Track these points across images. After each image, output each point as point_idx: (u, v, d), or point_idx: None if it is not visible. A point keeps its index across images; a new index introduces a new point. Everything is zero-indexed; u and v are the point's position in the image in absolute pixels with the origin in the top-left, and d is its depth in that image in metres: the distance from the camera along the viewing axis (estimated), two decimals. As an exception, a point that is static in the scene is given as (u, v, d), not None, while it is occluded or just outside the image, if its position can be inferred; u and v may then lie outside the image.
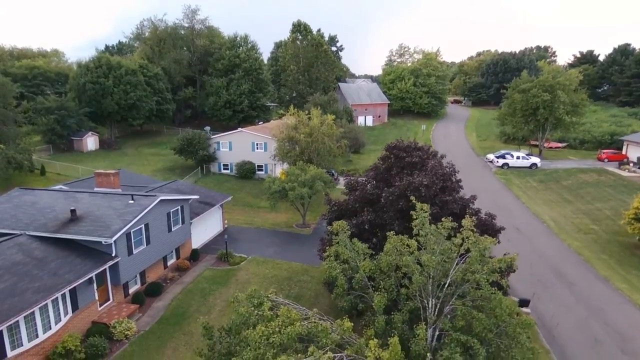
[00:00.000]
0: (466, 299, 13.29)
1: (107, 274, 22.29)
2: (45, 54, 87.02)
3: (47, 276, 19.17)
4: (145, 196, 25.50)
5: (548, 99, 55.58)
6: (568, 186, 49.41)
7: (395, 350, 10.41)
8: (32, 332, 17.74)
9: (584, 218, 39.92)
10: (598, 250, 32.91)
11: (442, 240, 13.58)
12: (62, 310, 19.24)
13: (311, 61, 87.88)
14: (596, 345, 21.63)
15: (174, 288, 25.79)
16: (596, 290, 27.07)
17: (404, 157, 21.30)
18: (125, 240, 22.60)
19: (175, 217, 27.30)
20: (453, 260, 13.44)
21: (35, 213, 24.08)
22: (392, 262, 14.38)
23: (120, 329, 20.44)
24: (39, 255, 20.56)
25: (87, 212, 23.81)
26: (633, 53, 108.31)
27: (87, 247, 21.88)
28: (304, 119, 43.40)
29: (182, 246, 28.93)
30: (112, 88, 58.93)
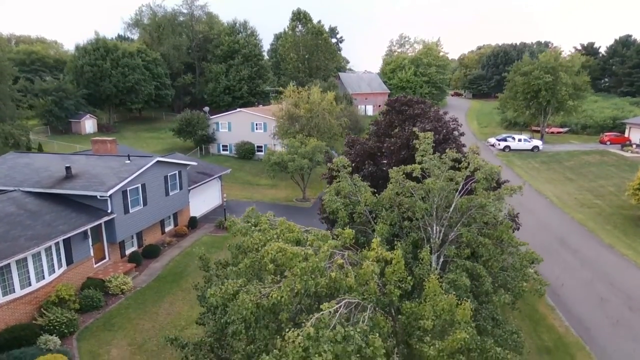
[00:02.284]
0: (471, 226, 12.83)
1: (103, 231, 21.85)
2: (44, 40, 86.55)
3: (41, 226, 18.70)
4: (142, 157, 25.05)
5: (550, 80, 55.02)
6: (570, 166, 48.93)
7: (398, 263, 9.94)
8: (24, 280, 17.27)
9: (587, 194, 39.44)
10: (602, 222, 32.44)
11: (446, 168, 13.13)
12: (56, 261, 18.76)
13: (311, 50, 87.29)
14: (602, 304, 21.18)
15: (172, 251, 25.33)
16: (601, 256, 26.60)
17: (405, 111, 20.83)
18: (121, 198, 22.13)
19: (173, 181, 26.83)
20: (458, 186, 12.99)
21: (29, 172, 23.60)
22: (394, 196, 13.92)
23: (116, 283, 19.98)
24: (33, 208, 20.08)
25: (83, 171, 23.34)
26: (634, 44, 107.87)
27: (83, 204, 21.39)
28: (304, 96, 42.92)
29: (180, 213, 28.47)
30: (110, 70, 58.45)
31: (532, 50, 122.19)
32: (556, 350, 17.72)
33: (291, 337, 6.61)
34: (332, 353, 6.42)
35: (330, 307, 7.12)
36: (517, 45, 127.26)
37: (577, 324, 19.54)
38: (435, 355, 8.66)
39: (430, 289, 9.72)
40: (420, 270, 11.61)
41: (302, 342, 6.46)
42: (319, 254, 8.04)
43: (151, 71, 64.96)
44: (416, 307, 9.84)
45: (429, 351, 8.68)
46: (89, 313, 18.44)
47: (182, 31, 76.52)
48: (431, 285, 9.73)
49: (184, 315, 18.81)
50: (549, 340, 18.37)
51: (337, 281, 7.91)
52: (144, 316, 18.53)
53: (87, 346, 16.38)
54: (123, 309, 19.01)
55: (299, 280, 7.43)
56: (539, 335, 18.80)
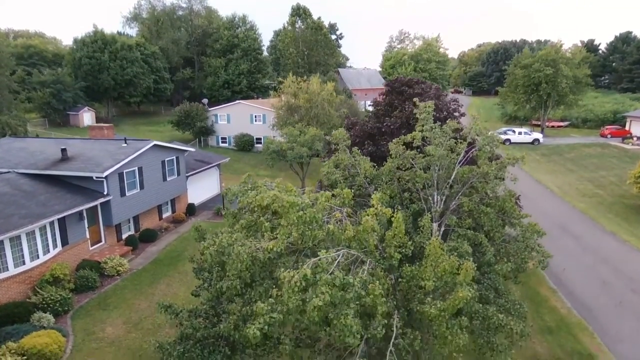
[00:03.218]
0: (473, 197, 12.54)
1: (99, 214, 21.56)
2: (43, 35, 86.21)
3: (35, 206, 18.42)
4: (139, 140, 24.78)
5: (550, 73, 54.74)
6: (571, 158, 48.69)
7: (399, 227, 9.65)
8: (18, 258, 16.98)
9: (588, 184, 39.20)
10: (604, 210, 32.18)
11: (447, 138, 12.85)
12: (51, 242, 18.47)
13: (311, 45, 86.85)
14: (604, 287, 20.90)
15: (169, 236, 25.04)
16: (603, 242, 26.33)
17: (405, 91, 20.56)
18: (117, 180, 21.84)
19: (171, 167, 26.53)
20: (459, 157, 12.70)
21: (25, 155, 23.33)
22: (394, 169, 13.65)
23: (112, 264, 19.70)
24: (28, 189, 19.80)
25: (79, 153, 23.06)
26: (635, 40, 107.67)
27: (78, 186, 21.11)
28: (304, 86, 42.62)
29: (178, 199, 28.18)
30: (108, 63, 58.14)
31: (532, 48, 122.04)
32: (558, 331, 17.44)
33: (287, 277, 6.33)
34: (330, 295, 6.15)
35: (328, 254, 6.84)
36: (517, 42, 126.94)
37: (579, 306, 19.26)
38: (436, 315, 8.37)
39: (431, 251, 9.43)
40: (421, 238, 11.32)
41: (298, 281, 6.19)
42: (316, 205, 7.77)
43: (150, 65, 64.66)
44: (417, 270, 9.55)
45: (430, 310, 8.39)
46: (84, 293, 18.16)
47: (180, 25, 76.27)
48: (432, 247, 9.44)
49: (180, 297, 18.49)
50: (551, 321, 18.09)
51: (336, 234, 7.63)
52: (139, 296, 18.25)
53: (81, 324, 16.10)
54: (119, 290, 18.73)
55: (295, 229, 7.15)
56: (541, 316, 18.52)
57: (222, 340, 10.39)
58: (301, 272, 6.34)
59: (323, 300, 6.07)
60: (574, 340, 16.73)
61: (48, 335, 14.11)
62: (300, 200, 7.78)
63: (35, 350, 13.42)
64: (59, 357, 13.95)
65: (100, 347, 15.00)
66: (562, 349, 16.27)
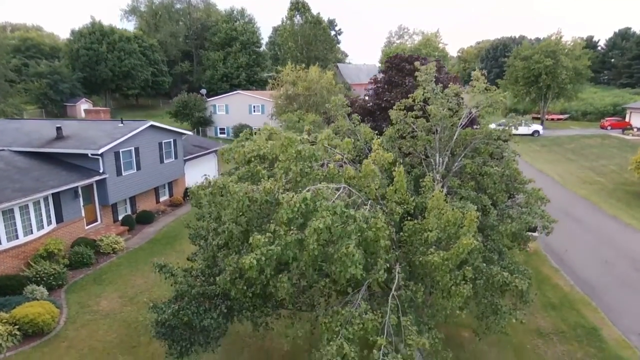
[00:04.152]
0: (475, 159, 12.26)
1: (95, 193, 21.25)
2: (40, 28, 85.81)
3: (29, 181, 18.10)
4: (135, 121, 24.48)
5: (550, 64, 54.49)
6: (571, 149, 48.48)
7: (400, 181, 9.36)
8: (11, 232, 16.66)
9: (589, 172, 38.97)
10: (605, 196, 31.94)
11: (448, 100, 12.57)
12: (45, 218, 18.14)
13: (309, 39, 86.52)
14: (607, 266, 20.62)
15: (166, 218, 24.74)
16: (605, 225, 26.09)
17: (405, 67, 20.26)
18: (113, 159, 21.52)
19: (168, 149, 26.21)
20: (460, 120, 12.43)
21: (19, 135, 23.01)
22: (395, 135, 13.38)
23: (108, 241, 19.39)
24: (22, 166, 19.48)
25: (75, 133, 22.76)
26: (634, 36, 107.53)
27: (74, 165, 20.78)
28: (303, 75, 42.32)
29: (175, 183, 27.85)
30: (105, 54, 57.77)
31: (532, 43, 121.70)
32: (561, 306, 17.17)
33: (285, 198, 6.03)
34: (330, 220, 5.84)
35: (328, 186, 6.54)
36: (517, 38, 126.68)
37: (582, 284, 18.99)
38: (440, 263, 8.08)
39: (434, 202, 9.14)
40: (422, 198, 11.03)
41: (298, 203, 5.88)
42: (317, 143, 7.47)
43: (148, 57, 64.30)
44: (419, 224, 9.26)
45: (433, 258, 8.09)
46: (79, 269, 17.84)
47: (179, 19, 75.90)
48: (435, 199, 9.15)
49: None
50: (554, 298, 17.82)
51: (335, 176, 7.33)
52: (135, 273, 17.94)
53: (75, 298, 15.79)
54: (114, 267, 18.42)
55: (294, 164, 6.84)
56: (544, 293, 18.24)
57: (218, 298, 10.10)
58: (301, 195, 6.04)
59: (324, 223, 5.76)
60: (577, 315, 16.47)
61: (41, 305, 13.80)
62: (300, 139, 7.48)
63: (28, 320, 13.11)
64: (51, 327, 13.63)
65: (95, 319, 14.68)
66: (566, 322, 16.00)
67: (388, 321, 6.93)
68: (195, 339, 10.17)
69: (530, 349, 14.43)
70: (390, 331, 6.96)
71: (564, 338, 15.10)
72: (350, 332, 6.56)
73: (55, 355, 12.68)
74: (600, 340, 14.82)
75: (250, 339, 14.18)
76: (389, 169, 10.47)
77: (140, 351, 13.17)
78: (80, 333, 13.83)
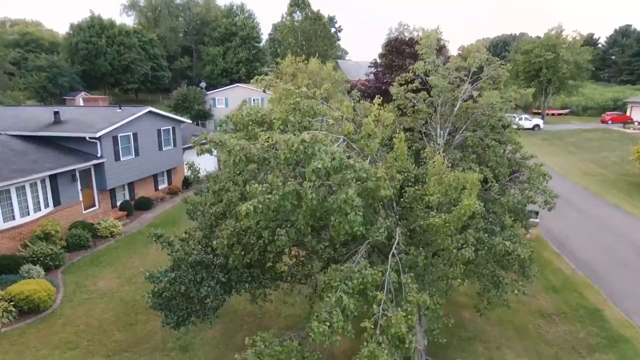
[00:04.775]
0: (477, 132, 12.09)
1: (93, 178, 21.07)
2: (39, 24, 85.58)
3: (26, 163, 17.95)
4: (134, 107, 24.32)
5: (551, 58, 54.30)
6: (572, 142, 48.29)
7: (400, 147, 9.20)
8: (7, 213, 16.50)
9: (590, 164, 38.84)
10: (607, 187, 31.79)
11: (449, 72, 12.40)
12: (42, 200, 17.98)
13: (309, 35, 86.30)
14: (609, 251, 20.46)
15: (165, 205, 24.58)
16: (606, 213, 25.95)
17: (405, 50, 20.09)
18: (111, 144, 21.35)
19: (167, 136, 26.03)
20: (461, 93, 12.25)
21: (17, 120, 22.88)
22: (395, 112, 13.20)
23: (105, 225, 19.24)
24: (19, 149, 19.32)
25: (72, 118, 22.62)
26: (634, 33, 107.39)
27: (72, 149, 20.61)
28: (302, 66, 42.10)
29: (174, 172, 27.68)
30: (105, 48, 57.58)
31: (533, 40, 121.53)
32: (563, 289, 17.00)
33: (283, 138, 5.87)
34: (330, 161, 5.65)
35: (327, 134, 6.37)
36: (517, 35, 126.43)
37: (584, 267, 18.82)
38: (441, 225, 7.90)
39: (435, 167, 8.97)
40: (423, 169, 10.86)
41: (296, 143, 5.70)
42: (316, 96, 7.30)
43: (147, 52, 64.12)
44: (420, 189, 9.10)
45: (434, 220, 7.92)
46: (76, 252, 17.69)
47: (178, 14, 75.73)
48: (437, 163, 8.98)
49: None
50: (556, 281, 17.66)
51: (334, 131, 7.16)
52: (133, 255, 17.78)
53: (72, 278, 15.65)
54: (112, 250, 18.28)
55: (292, 114, 6.67)
56: (545, 276, 18.05)
57: (216, 268, 9.94)
58: (300, 136, 5.86)
59: (322, 164, 5.59)
60: (579, 297, 16.30)
61: (37, 283, 13.66)
62: (298, 91, 7.30)
63: (23, 296, 12.95)
64: (47, 304, 13.47)
65: (92, 298, 14.53)
66: (568, 304, 15.83)
67: (388, 278, 6.77)
68: (193, 309, 10.02)
69: (532, 329, 14.26)
70: (391, 288, 6.80)
71: (565, 318, 14.94)
72: (349, 286, 6.39)
73: (51, 331, 12.52)
74: (602, 320, 14.65)
75: (248, 317, 14.03)
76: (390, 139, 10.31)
77: (137, 328, 13.01)
78: (76, 311, 13.67)
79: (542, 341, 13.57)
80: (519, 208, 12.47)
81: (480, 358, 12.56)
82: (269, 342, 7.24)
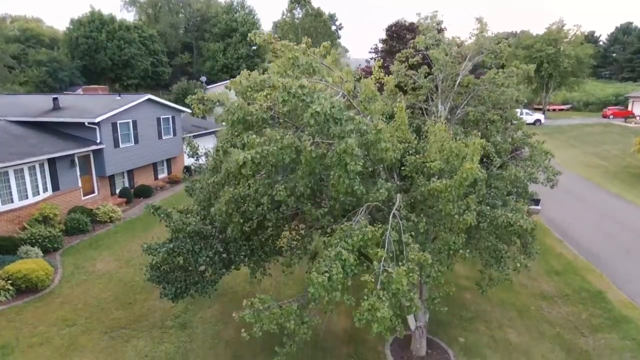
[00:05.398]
0: (478, 107, 11.97)
1: (92, 165, 20.98)
2: (39, 20, 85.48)
3: (25, 147, 17.85)
4: (133, 95, 24.22)
5: (552, 52, 54.14)
6: (574, 136, 48.15)
7: (401, 116, 9.09)
8: (6, 195, 16.40)
9: (592, 157, 38.71)
10: (608, 178, 31.67)
11: (450, 47, 12.29)
12: (41, 184, 17.88)
13: (310, 32, 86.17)
14: (611, 237, 20.33)
15: (165, 193, 24.49)
16: (608, 202, 25.81)
17: (405, 35, 19.97)
18: (110, 130, 21.25)
19: (166, 125, 25.94)
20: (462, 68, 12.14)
21: (16, 107, 22.78)
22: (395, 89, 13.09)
23: (104, 210, 19.13)
24: (18, 134, 19.23)
25: (72, 105, 22.53)
26: (635, 30, 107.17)
27: (71, 135, 20.52)
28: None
29: (174, 161, 27.59)
30: (105, 43, 57.40)
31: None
32: (565, 272, 16.87)
33: (282, 81, 5.74)
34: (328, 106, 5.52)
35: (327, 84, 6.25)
36: (518, 33, 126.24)
37: (586, 253, 18.68)
38: (443, 189, 7.79)
39: (437, 134, 8.86)
40: (424, 142, 10.74)
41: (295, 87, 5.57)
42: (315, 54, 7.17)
43: (147, 47, 63.89)
44: (421, 158, 8.98)
45: (436, 184, 7.81)
46: (74, 236, 17.58)
47: (179, 10, 75.61)
48: (438, 130, 8.87)
49: (174, 241, 17.92)
50: (558, 265, 17.53)
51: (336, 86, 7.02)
52: (132, 239, 17.67)
53: (71, 260, 15.55)
54: (111, 234, 18.18)
55: (290, 69, 6.54)
56: (547, 261, 17.94)
57: (214, 239, 9.84)
58: (299, 82, 5.74)
59: (322, 108, 5.46)
60: (581, 280, 16.17)
61: (35, 262, 13.55)
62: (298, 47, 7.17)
63: (21, 275, 12.84)
64: (45, 284, 13.36)
65: (90, 278, 14.42)
66: (570, 287, 15.70)
67: (389, 236, 6.65)
68: (191, 281, 9.91)
69: (534, 310, 14.13)
70: (392, 248, 6.68)
71: (568, 301, 14.81)
72: (349, 244, 6.27)
73: (48, 309, 12.41)
74: (605, 302, 14.51)
75: (247, 298, 13.86)
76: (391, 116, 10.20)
77: (136, 307, 12.90)
78: (74, 290, 13.57)
79: (545, 321, 13.44)
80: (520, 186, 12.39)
81: (482, 336, 12.43)
82: (268, 304, 7.14)
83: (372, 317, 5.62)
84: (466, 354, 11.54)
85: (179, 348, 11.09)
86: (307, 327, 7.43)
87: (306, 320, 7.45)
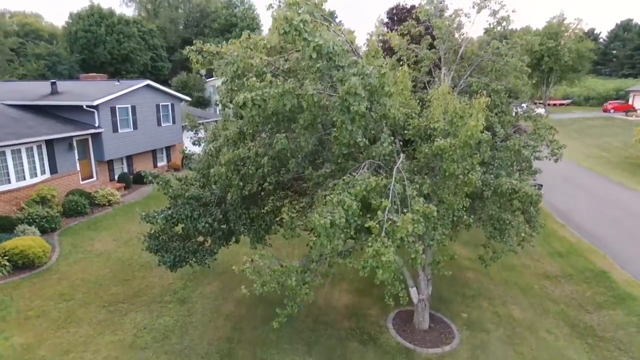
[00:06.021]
0: (481, 78, 11.79)
1: (91, 149, 20.79)
2: (39, 16, 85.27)
3: (23, 128, 17.67)
4: (132, 80, 24.04)
5: (553, 46, 53.96)
6: (575, 129, 47.99)
7: (404, 79, 8.92)
8: (3, 176, 16.23)
9: (593, 148, 38.57)
10: (610, 168, 31.50)
11: (453, 18, 12.11)
12: (39, 166, 17.71)
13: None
14: (614, 223, 20.15)
15: (164, 180, 24.26)
16: (610, 190, 25.65)
17: (406, 18, 19.77)
18: (109, 114, 21.07)
19: (165, 112, 25.76)
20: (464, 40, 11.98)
21: (14, 93, 22.61)
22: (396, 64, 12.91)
23: (103, 193, 18.96)
24: (16, 116, 19.05)
25: (70, 89, 22.37)
26: (636, 27, 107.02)
27: (69, 119, 20.34)
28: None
29: (173, 149, 27.41)
30: (104, 36, 57.16)
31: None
32: (568, 254, 16.70)
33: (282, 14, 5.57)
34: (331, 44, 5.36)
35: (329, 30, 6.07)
36: (517, 30, 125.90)
37: (589, 236, 18.50)
38: (446, 147, 7.61)
39: (440, 96, 8.68)
40: (427, 112, 10.57)
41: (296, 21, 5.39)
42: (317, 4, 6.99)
43: (147, 42, 63.67)
44: (424, 120, 8.81)
45: (440, 143, 7.63)
46: (73, 218, 17.40)
47: (178, 5, 75.44)
48: (441, 92, 8.70)
49: (174, 224, 17.76)
50: (561, 248, 17.35)
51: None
52: (131, 222, 17.47)
53: (69, 240, 15.38)
54: (110, 217, 18.02)
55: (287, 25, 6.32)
56: (550, 244, 17.78)
57: (214, 206, 9.67)
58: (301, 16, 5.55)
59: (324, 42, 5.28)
60: (585, 261, 16.00)
61: (32, 239, 13.37)
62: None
63: (18, 251, 12.67)
64: (42, 260, 13.18)
65: (89, 257, 14.25)
66: (573, 267, 15.54)
67: (393, 188, 6.47)
68: (190, 249, 9.74)
69: (538, 289, 13.97)
70: (396, 200, 6.51)
71: (571, 280, 14.65)
72: (352, 193, 6.09)
73: (45, 284, 12.24)
74: (609, 281, 14.34)
75: (247, 275, 13.73)
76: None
77: (134, 283, 12.73)
78: (72, 268, 13.39)
79: (548, 299, 13.28)
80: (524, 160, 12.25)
81: (486, 312, 12.26)
82: (269, 261, 6.97)
83: (376, 263, 5.45)
84: (469, 328, 11.37)
85: (178, 321, 10.92)
86: (308, 287, 7.28)
87: (307, 281, 7.28)
